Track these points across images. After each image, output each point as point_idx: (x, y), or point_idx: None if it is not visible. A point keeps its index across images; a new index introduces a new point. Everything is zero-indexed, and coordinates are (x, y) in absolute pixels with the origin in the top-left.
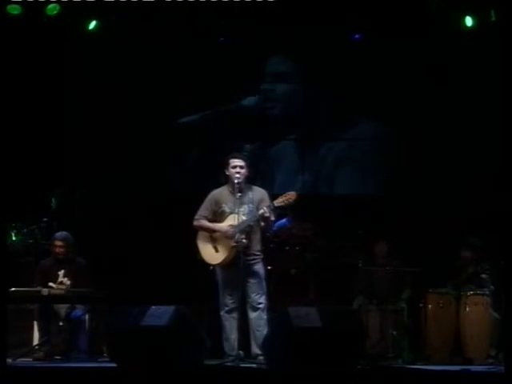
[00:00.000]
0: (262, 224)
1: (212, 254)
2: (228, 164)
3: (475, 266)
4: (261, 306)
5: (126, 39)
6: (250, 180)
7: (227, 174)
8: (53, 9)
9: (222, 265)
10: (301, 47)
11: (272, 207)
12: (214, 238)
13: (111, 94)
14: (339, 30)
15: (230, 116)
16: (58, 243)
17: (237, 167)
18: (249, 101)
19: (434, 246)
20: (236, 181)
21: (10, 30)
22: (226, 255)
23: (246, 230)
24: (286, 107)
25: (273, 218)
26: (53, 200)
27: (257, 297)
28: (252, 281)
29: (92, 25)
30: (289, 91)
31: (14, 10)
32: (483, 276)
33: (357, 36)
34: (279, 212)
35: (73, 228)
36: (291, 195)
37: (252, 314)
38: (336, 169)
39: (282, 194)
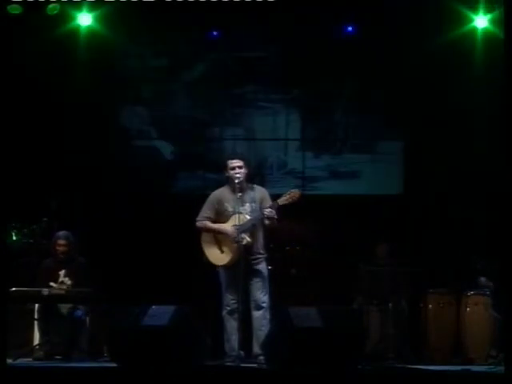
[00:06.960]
0: (267, 222)
1: (218, 255)
2: (226, 166)
3: (474, 266)
4: (265, 304)
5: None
6: (251, 178)
7: (227, 175)
8: (53, 9)
9: (228, 266)
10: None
11: (276, 206)
12: (218, 238)
13: (112, 94)
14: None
15: None
16: (62, 242)
17: (235, 168)
18: None
19: (435, 246)
20: (236, 181)
21: (11, 29)
22: (231, 256)
23: (250, 229)
24: None
25: (276, 217)
26: (53, 200)
27: (261, 295)
28: (256, 279)
29: (89, 20)
30: None
31: (15, 9)
32: (482, 279)
33: (349, 29)
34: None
35: (73, 228)
36: (295, 193)
37: (256, 313)
38: (337, 169)
39: (285, 193)
